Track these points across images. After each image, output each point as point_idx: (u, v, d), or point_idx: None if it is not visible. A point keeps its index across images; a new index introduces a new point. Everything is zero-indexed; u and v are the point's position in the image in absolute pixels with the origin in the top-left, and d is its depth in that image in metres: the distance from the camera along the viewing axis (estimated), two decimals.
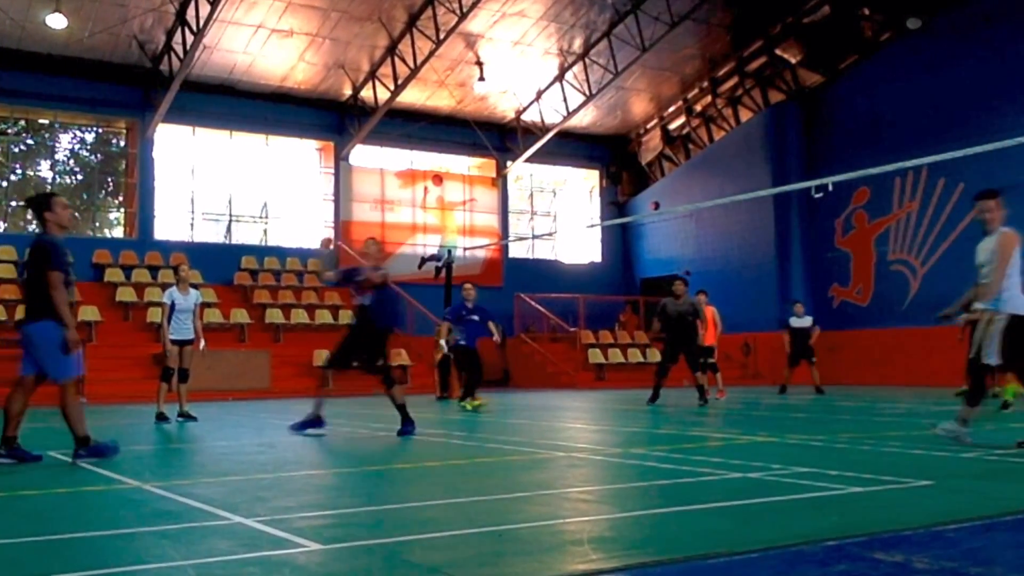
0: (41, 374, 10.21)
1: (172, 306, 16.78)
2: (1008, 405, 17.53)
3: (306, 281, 33.61)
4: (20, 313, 13.59)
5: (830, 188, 21.10)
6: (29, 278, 10.09)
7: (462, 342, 20.39)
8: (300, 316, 31.32)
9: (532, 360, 34.38)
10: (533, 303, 35.52)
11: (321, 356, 28.84)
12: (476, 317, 20.40)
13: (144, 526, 6.17)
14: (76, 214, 33.40)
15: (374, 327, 13.38)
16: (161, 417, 16.58)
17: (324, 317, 31.66)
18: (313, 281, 33.53)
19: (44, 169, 33.35)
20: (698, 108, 39.22)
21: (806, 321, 25.14)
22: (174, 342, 16.71)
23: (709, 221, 37.22)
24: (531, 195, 41.82)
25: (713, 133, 38.99)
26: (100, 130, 33.95)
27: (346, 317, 31.69)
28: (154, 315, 28.80)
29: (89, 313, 27.91)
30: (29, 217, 31.00)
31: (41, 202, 10.22)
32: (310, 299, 32.54)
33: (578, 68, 35.34)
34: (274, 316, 30.87)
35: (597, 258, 41.73)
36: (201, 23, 27.46)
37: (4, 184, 32.58)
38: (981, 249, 10.66)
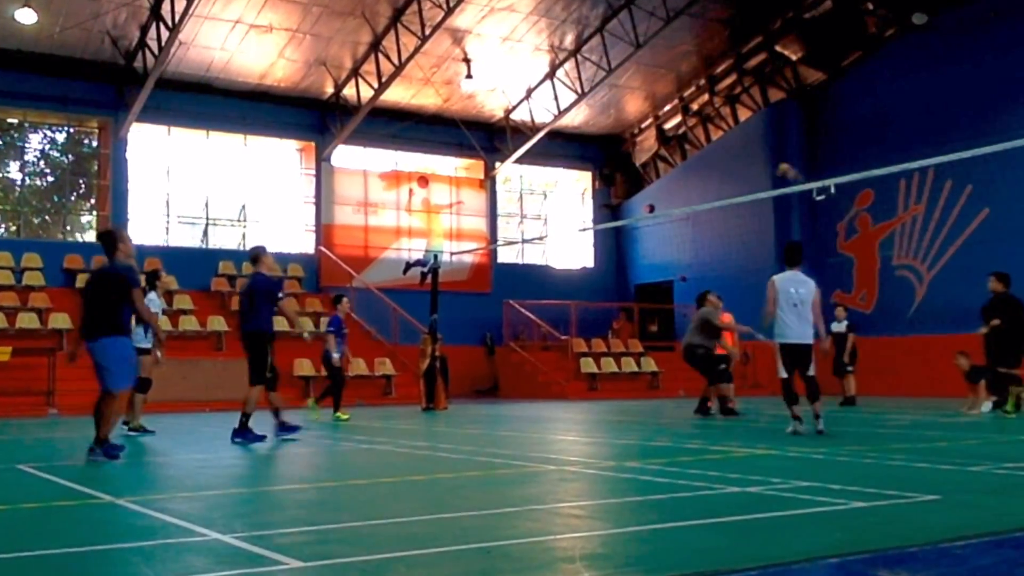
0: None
1: None
2: (1007, 412, 18.26)
3: (286, 287, 33.56)
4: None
5: (832, 190, 21.15)
6: (98, 299, 11.81)
7: (336, 354, 21.22)
8: (280, 324, 31.11)
9: (522, 369, 34.36)
10: (523, 310, 35.47)
11: (302, 365, 28.89)
12: (347, 331, 21.77)
13: (117, 543, 6.17)
14: (46, 217, 33.37)
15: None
16: (141, 429, 16.63)
17: (305, 325, 31.59)
18: (293, 287, 33.50)
19: (13, 170, 33.27)
20: (695, 107, 39.24)
21: (842, 326, 25.05)
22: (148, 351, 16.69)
23: (706, 225, 37.21)
24: (520, 197, 41.81)
25: (711, 133, 39.03)
26: (71, 130, 33.86)
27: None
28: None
29: (59, 320, 27.85)
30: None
31: (115, 237, 12.02)
32: (291, 306, 32.49)
33: (570, 65, 35.32)
34: None
35: (589, 263, 41.70)
36: (177, 18, 27.38)
37: None
38: None
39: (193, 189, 34.60)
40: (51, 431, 18.81)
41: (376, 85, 32.66)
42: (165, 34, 28.24)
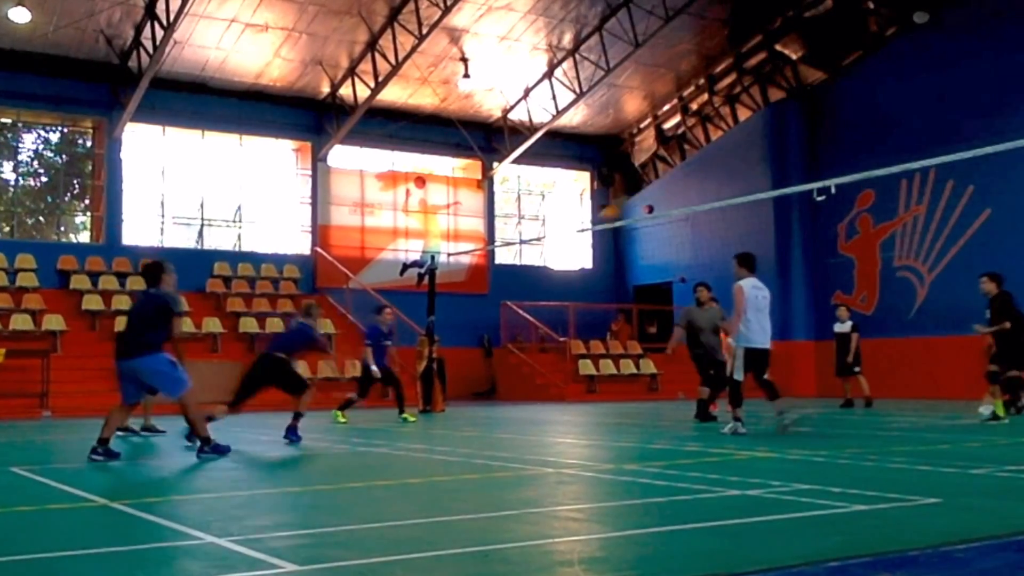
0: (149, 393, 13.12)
1: None
2: (998, 417, 17.83)
3: (281, 288, 33.55)
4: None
5: (833, 191, 21.13)
6: (141, 321, 12.62)
7: (374, 367, 21.11)
8: (275, 325, 31.18)
9: (519, 371, 34.32)
10: (520, 312, 35.44)
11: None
12: (388, 343, 21.56)
13: (111, 546, 6.17)
14: (40, 218, 33.38)
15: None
16: (129, 430, 16.78)
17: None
18: (289, 288, 33.48)
19: (7, 171, 33.15)
20: (694, 107, 39.21)
21: (846, 327, 25.04)
22: None
23: (706, 226, 37.19)
24: (518, 198, 41.81)
25: (710, 133, 39.01)
26: (65, 130, 33.85)
27: (324, 325, 31.69)
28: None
29: (53, 322, 27.86)
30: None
31: (161, 269, 12.94)
32: (286, 307, 32.42)
33: (568, 64, 35.30)
34: (248, 325, 30.78)
35: (588, 264, 41.68)
36: (171, 17, 27.33)
37: None
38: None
39: (188, 190, 34.56)
40: (45, 433, 18.79)
41: (373, 85, 32.65)
42: (160, 33, 28.20)
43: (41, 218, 34.34)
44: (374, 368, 20.90)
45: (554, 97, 36.16)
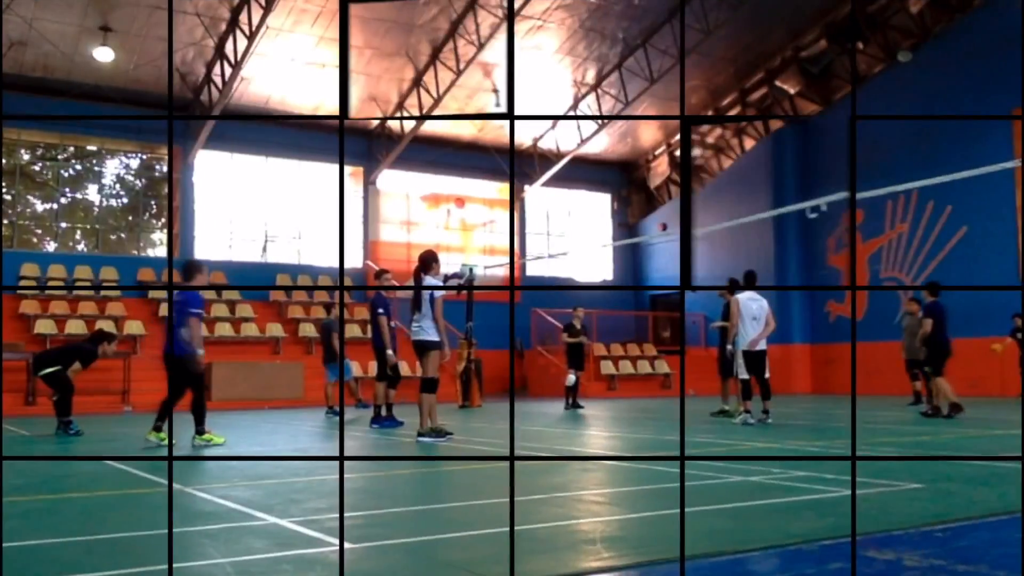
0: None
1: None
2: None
3: (336, 297, 33.63)
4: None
5: (824, 208, 21.09)
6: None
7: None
8: None
9: (547, 371, 34.32)
10: (549, 318, 35.49)
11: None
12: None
13: (186, 526, 6.20)
14: (122, 235, 33.58)
15: None
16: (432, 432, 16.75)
17: (354, 331, 31.64)
18: (344, 297, 33.55)
19: (92, 193, 33.43)
20: (708, 139, 39.25)
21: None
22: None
23: (715, 241, 37.14)
24: (547, 217, 41.85)
25: (722, 161, 39.08)
26: (144, 156, 34.06)
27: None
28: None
29: (134, 327, 28.02)
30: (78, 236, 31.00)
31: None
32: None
33: (591, 98, 35.39)
34: (307, 330, 30.92)
35: (609, 276, 41.73)
36: (239, 56, 27.59)
37: (55, 207, 32.74)
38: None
39: (253, 209, 34.74)
40: (125, 426, 18.83)
41: (418, 115, 32.81)
42: (228, 71, 28.44)
43: (122, 235, 34.48)
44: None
45: (579, 127, 36.25)
